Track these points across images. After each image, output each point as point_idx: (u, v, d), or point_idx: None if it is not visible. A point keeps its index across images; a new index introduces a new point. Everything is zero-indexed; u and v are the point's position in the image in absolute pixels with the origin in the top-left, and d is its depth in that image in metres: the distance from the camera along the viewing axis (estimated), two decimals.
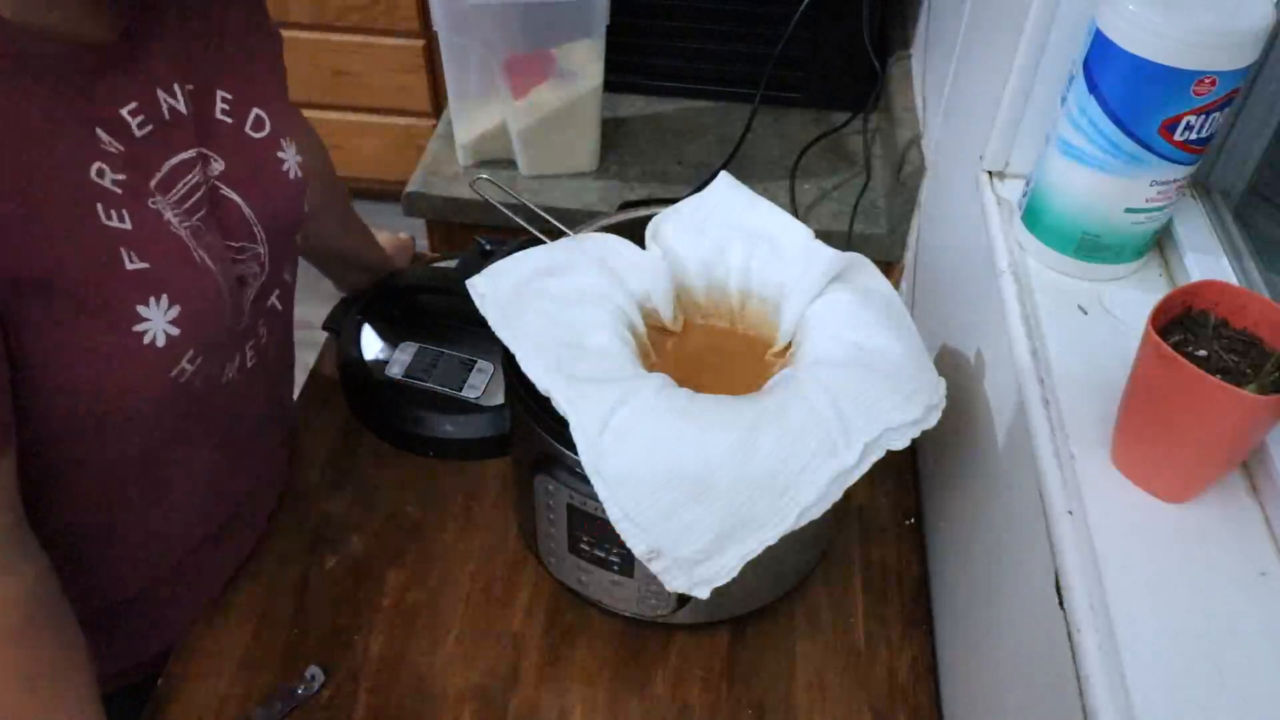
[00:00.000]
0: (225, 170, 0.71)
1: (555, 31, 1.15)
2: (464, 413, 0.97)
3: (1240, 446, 0.56)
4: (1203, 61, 0.61)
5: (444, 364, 1.01)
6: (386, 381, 0.99)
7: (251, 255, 0.74)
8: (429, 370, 1.00)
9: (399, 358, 1.01)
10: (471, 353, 1.02)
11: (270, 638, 0.86)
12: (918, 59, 1.27)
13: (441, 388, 0.99)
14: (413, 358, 1.01)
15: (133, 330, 0.62)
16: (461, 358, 1.01)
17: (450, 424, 0.97)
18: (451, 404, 0.98)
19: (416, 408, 0.98)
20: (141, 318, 0.62)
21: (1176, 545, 0.55)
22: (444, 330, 1.04)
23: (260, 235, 0.74)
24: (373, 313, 1.06)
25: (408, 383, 0.99)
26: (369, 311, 1.06)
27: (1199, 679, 0.49)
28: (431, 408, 0.98)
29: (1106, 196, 0.68)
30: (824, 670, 0.85)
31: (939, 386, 0.72)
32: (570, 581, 0.84)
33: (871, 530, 0.95)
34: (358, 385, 1.02)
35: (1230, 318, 0.57)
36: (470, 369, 1.00)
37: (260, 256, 0.75)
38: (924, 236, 1.10)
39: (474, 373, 1.00)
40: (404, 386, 0.99)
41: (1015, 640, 0.69)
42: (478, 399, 0.98)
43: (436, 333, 1.04)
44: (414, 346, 1.02)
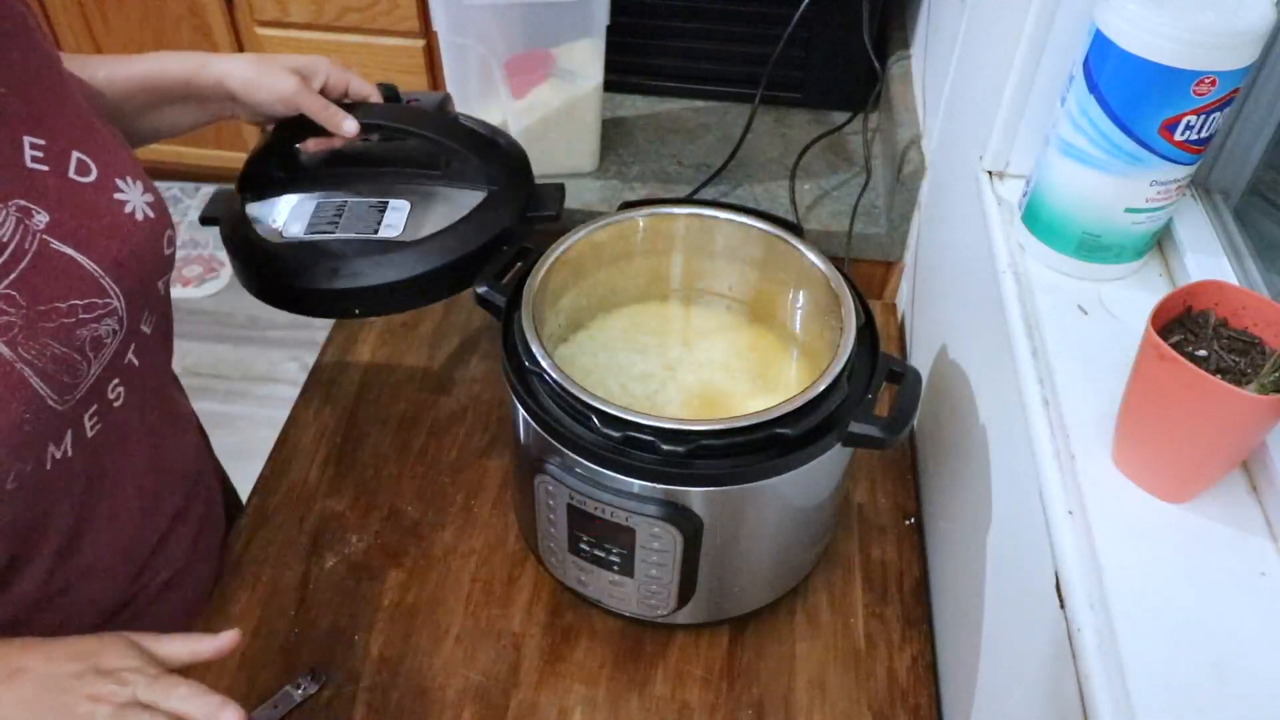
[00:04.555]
0: (52, 222, 0.64)
1: (555, 31, 1.15)
2: (385, 253, 0.84)
3: (1240, 446, 0.56)
4: (1203, 61, 0.61)
5: (350, 212, 0.86)
6: (286, 245, 0.85)
7: (106, 311, 0.66)
8: (334, 222, 0.86)
9: (295, 218, 0.86)
10: (380, 195, 0.88)
11: (270, 638, 0.86)
12: (918, 59, 1.27)
13: (354, 235, 0.85)
14: (312, 213, 0.87)
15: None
16: (369, 202, 0.87)
17: (371, 268, 0.83)
18: (370, 248, 0.84)
19: (329, 261, 0.84)
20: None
21: (1176, 545, 0.55)
22: (341, 179, 0.90)
23: (111, 288, 0.66)
24: (251, 186, 0.91)
25: (312, 239, 0.85)
26: (246, 186, 0.91)
27: (1199, 679, 0.49)
28: (346, 257, 0.84)
29: (1106, 196, 0.68)
30: (824, 670, 0.85)
31: None
32: (570, 581, 0.84)
33: (871, 530, 0.95)
34: (257, 261, 0.86)
35: (1230, 318, 0.57)
36: (383, 211, 0.86)
37: (116, 311, 0.67)
38: (924, 236, 1.10)
39: (388, 213, 0.86)
40: (309, 245, 0.85)
41: (1015, 640, 0.69)
42: (399, 237, 0.85)
43: (333, 182, 0.90)
44: (310, 202, 0.88)
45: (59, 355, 0.63)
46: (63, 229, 0.64)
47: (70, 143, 0.66)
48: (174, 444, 0.82)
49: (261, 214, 0.87)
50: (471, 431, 1.03)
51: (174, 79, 0.83)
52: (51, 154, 0.65)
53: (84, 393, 0.66)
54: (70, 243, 0.64)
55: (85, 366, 0.66)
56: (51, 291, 0.63)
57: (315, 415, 1.04)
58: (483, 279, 0.82)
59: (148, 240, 0.69)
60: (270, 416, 2.24)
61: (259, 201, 0.88)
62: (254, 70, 0.83)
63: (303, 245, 0.84)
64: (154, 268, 0.71)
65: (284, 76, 0.83)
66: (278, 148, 0.89)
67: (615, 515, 0.74)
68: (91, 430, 0.69)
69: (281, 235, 0.85)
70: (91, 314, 0.65)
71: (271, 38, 2.07)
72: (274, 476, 0.98)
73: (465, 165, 0.88)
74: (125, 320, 0.68)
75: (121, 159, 0.70)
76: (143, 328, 0.72)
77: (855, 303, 0.80)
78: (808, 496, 0.79)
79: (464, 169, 0.88)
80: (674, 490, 0.72)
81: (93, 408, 0.68)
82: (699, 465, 0.71)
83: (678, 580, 0.78)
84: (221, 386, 2.36)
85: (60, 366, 0.64)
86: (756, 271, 0.92)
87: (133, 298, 0.68)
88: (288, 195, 0.88)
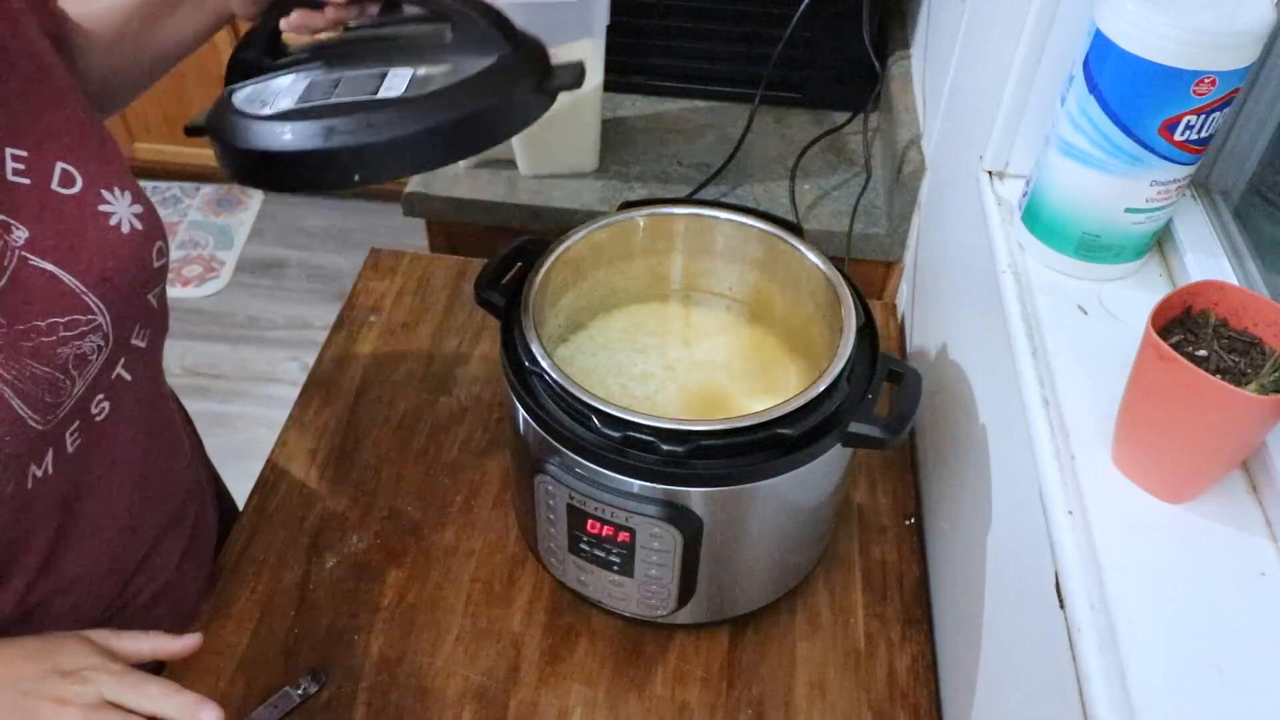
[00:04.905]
0: (31, 238, 0.62)
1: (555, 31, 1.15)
2: (385, 110, 0.75)
3: (1240, 446, 0.56)
4: (1203, 61, 0.61)
5: (346, 84, 0.78)
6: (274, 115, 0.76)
7: (90, 328, 0.65)
8: (329, 94, 0.77)
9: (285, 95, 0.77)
10: (378, 65, 0.80)
11: (270, 638, 0.85)
12: (918, 59, 1.27)
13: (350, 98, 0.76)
14: (304, 90, 0.77)
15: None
16: (367, 73, 0.79)
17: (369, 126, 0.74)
18: (368, 107, 0.75)
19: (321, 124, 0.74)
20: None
21: (1176, 545, 0.55)
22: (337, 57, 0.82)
23: (95, 304, 0.64)
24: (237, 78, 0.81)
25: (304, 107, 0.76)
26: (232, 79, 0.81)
27: (1199, 679, 0.49)
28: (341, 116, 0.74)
29: (1106, 196, 0.68)
30: (824, 670, 0.85)
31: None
32: (570, 581, 0.84)
33: (871, 530, 0.95)
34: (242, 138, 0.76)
35: (1230, 318, 0.57)
36: (382, 78, 0.77)
37: (101, 327, 0.65)
38: (924, 236, 1.10)
39: (388, 79, 0.77)
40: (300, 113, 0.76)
41: (1015, 640, 0.69)
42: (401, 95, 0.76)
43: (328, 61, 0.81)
44: (303, 80, 0.79)
45: (40, 375, 0.62)
46: (42, 245, 0.62)
47: (56, 154, 0.64)
48: (163, 454, 0.80)
49: (247, 100, 0.78)
50: (471, 431, 1.03)
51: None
52: (34, 166, 0.63)
53: (67, 411, 0.65)
54: (50, 259, 0.62)
55: (68, 385, 0.64)
56: (30, 310, 0.61)
57: (315, 415, 1.04)
58: (483, 279, 0.82)
59: (135, 253, 0.67)
60: (270, 416, 2.24)
61: (246, 93, 0.79)
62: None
63: (293, 114, 0.75)
64: (142, 281, 0.68)
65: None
66: (264, 32, 0.81)
67: (615, 515, 0.74)
68: (72, 445, 0.67)
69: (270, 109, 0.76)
70: (74, 331, 0.63)
71: None
72: (274, 476, 0.98)
73: (474, 31, 0.80)
74: (112, 335, 0.66)
75: (111, 169, 0.67)
76: (134, 341, 0.70)
77: (855, 303, 0.80)
78: (808, 496, 0.79)
79: (473, 35, 0.80)
80: (674, 490, 0.72)
81: (75, 424, 0.67)
82: (699, 465, 0.71)
83: (678, 580, 0.78)
84: (221, 386, 2.36)
85: (41, 386, 0.62)
86: (756, 271, 0.92)
87: (120, 312, 0.67)
88: (277, 79, 0.79)
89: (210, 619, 0.87)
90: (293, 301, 2.55)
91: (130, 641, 0.65)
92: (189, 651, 0.67)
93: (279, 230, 2.75)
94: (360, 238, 2.71)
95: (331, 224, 2.77)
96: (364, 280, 1.20)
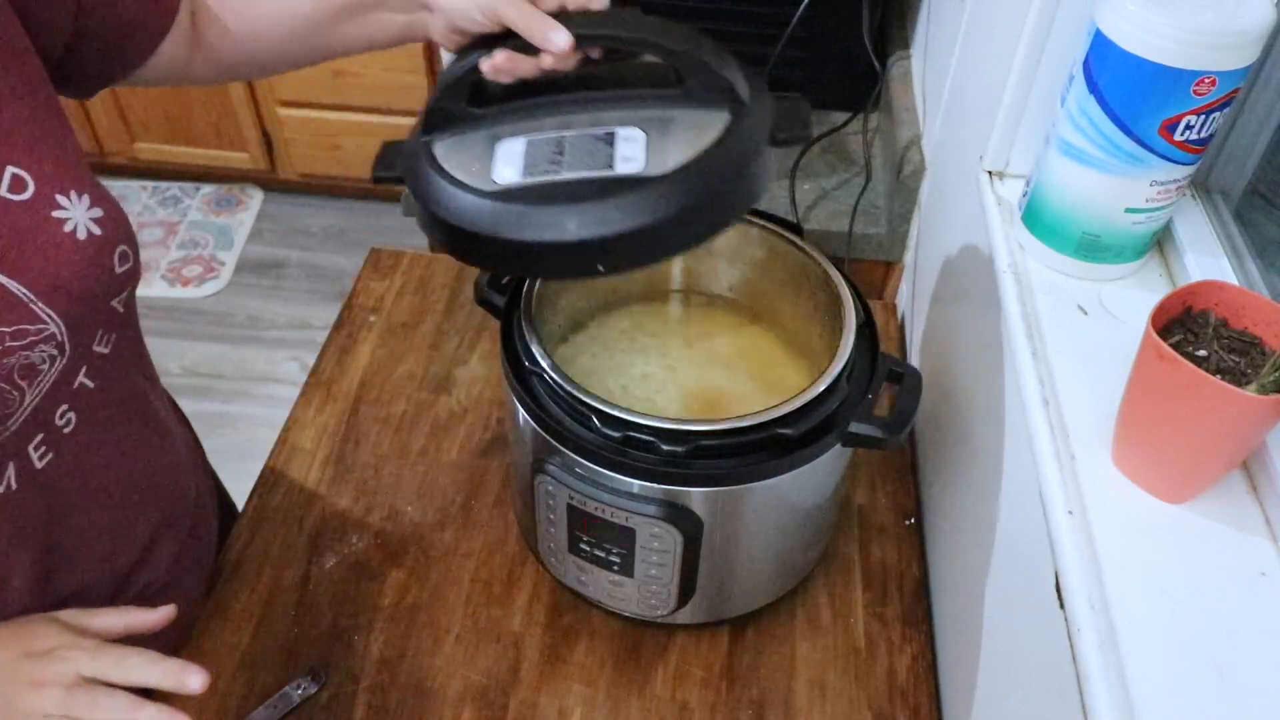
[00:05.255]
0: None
1: None
2: (629, 191, 0.65)
3: (1240, 446, 0.56)
4: (1203, 61, 0.61)
5: (573, 148, 0.69)
6: (503, 192, 0.67)
7: (40, 337, 0.61)
8: (556, 161, 0.68)
9: (503, 160, 0.69)
10: (603, 124, 0.71)
11: (270, 638, 0.86)
12: (918, 59, 1.27)
13: (585, 173, 0.67)
14: (524, 153, 0.69)
15: None
16: (592, 134, 0.70)
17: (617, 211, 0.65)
18: (609, 187, 0.66)
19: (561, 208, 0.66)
20: None
21: (1176, 545, 0.55)
22: (548, 108, 0.72)
23: (45, 313, 0.61)
24: (438, 127, 0.72)
25: (535, 183, 0.67)
26: (431, 128, 0.73)
27: (1199, 679, 0.49)
28: (582, 200, 0.66)
29: (1106, 196, 0.68)
30: (824, 670, 0.85)
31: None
32: (570, 581, 0.84)
33: (871, 530, 0.95)
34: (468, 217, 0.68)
35: (1230, 318, 0.57)
36: (611, 143, 0.69)
37: (55, 337, 0.62)
38: (924, 236, 1.10)
39: (619, 145, 0.69)
40: (530, 191, 0.67)
41: (1015, 640, 0.69)
42: (644, 171, 0.67)
43: (539, 113, 0.72)
44: (518, 141, 0.70)
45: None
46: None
47: (7, 157, 0.61)
48: (151, 457, 0.77)
49: (457, 160, 0.70)
50: (471, 431, 1.03)
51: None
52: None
53: (20, 424, 0.63)
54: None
55: (17, 396, 0.62)
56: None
57: (315, 415, 1.04)
58: (482, 279, 0.82)
59: (91, 259, 0.63)
60: (270, 416, 2.24)
61: (449, 145, 0.71)
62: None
63: (524, 193, 0.67)
64: (101, 287, 0.65)
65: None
66: (469, 76, 0.70)
67: (615, 515, 0.74)
68: (41, 461, 0.65)
69: (493, 182, 0.68)
70: (21, 341, 0.60)
71: None
72: (274, 476, 0.98)
73: (705, 80, 0.71)
74: (68, 345, 0.64)
75: (68, 172, 0.64)
76: (97, 348, 0.67)
77: (855, 303, 0.80)
78: (808, 496, 0.79)
79: (704, 85, 0.72)
80: (674, 490, 0.72)
81: (38, 438, 0.64)
82: (699, 465, 0.71)
83: (678, 580, 0.78)
84: (221, 386, 2.36)
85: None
86: (756, 271, 0.92)
87: (77, 320, 0.64)
88: (486, 133, 0.71)
89: (210, 619, 0.87)
90: (293, 301, 2.55)
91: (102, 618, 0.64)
92: (163, 623, 0.65)
93: (279, 230, 2.75)
94: (360, 238, 2.71)
95: (331, 224, 2.77)
96: (364, 280, 1.20)
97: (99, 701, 0.59)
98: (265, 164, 2.66)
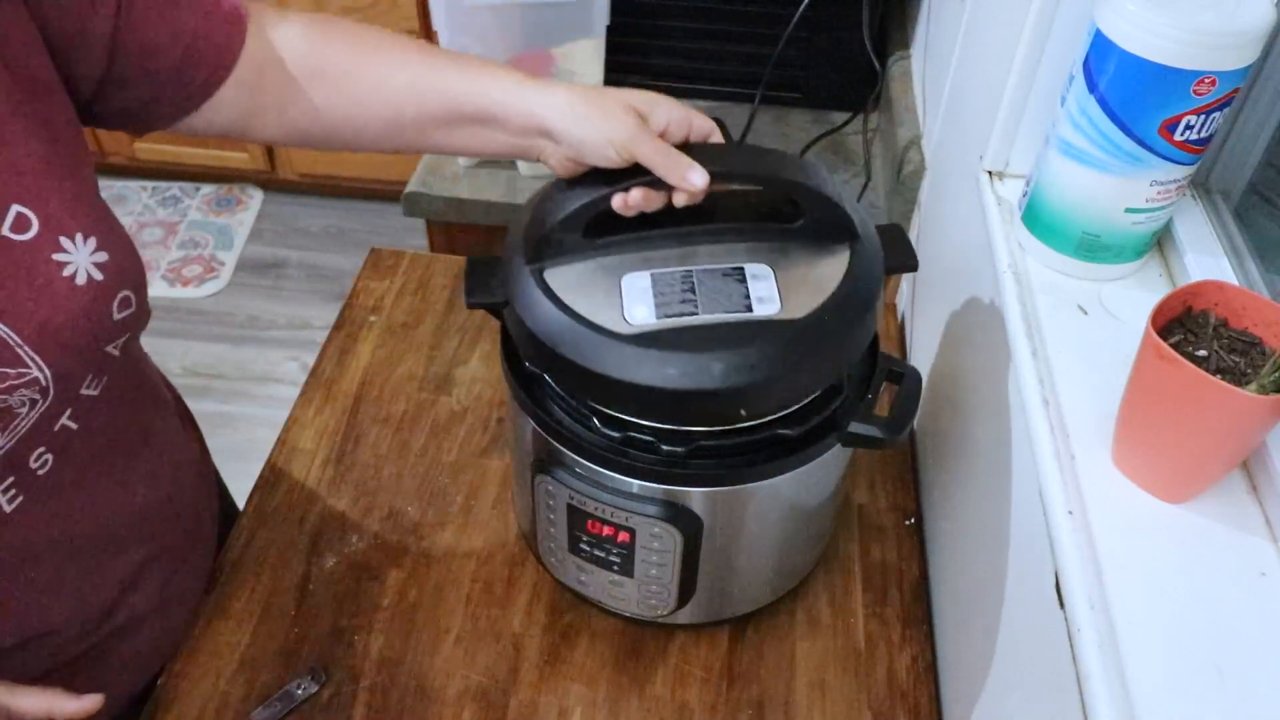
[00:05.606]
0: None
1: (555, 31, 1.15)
2: (770, 336, 0.64)
3: (1240, 446, 0.56)
4: (1203, 61, 0.61)
5: (704, 286, 0.67)
6: (638, 337, 0.64)
7: (21, 382, 0.59)
8: (690, 300, 0.66)
9: (632, 297, 0.66)
10: (728, 259, 0.69)
11: (270, 638, 0.86)
12: (918, 59, 1.27)
13: (723, 315, 0.65)
14: (653, 291, 0.66)
15: None
16: (720, 270, 0.68)
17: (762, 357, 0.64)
18: (750, 331, 0.64)
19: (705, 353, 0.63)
20: None
21: (1176, 545, 0.55)
22: (662, 241, 0.70)
23: (30, 358, 0.59)
24: (546, 255, 0.69)
25: (674, 325, 0.64)
26: (540, 255, 0.69)
27: (1199, 679, 0.49)
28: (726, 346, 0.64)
29: (1106, 196, 0.68)
30: (824, 670, 0.85)
31: None
32: (570, 581, 0.84)
33: (871, 530, 0.95)
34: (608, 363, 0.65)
35: (1230, 318, 0.57)
36: (742, 281, 0.67)
37: (39, 382, 0.60)
38: (924, 236, 1.10)
39: (751, 284, 0.67)
40: (669, 335, 0.64)
41: (1015, 640, 0.69)
42: (780, 315, 0.65)
43: (654, 247, 0.70)
44: (643, 276, 0.68)
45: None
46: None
47: (14, 195, 0.59)
48: (143, 491, 0.75)
49: (579, 295, 0.67)
50: (471, 431, 1.03)
51: (480, 104, 0.69)
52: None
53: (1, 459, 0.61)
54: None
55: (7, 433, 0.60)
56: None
57: (315, 415, 1.04)
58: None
59: (89, 305, 0.61)
60: (270, 416, 2.24)
61: (565, 277, 0.68)
62: (582, 105, 0.67)
63: (662, 335, 0.64)
64: (96, 334, 0.62)
65: (620, 115, 0.66)
66: (593, 208, 0.68)
67: (615, 515, 0.74)
68: (11, 504, 0.63)
69: (627, 322, 0.65)
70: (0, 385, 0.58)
71: None
72: (274, 476, 0.98)
73: (825, 214, 0.70)
74: (53, 389, 0.61)
75: (77, 214, 0.62)
76: (85, 391, 0.65)
77: None
78: (808, 496, 0.79)
79: (823, 219, 0.71)
80: (674, 490, 0.72)
81: (8, 480, 0.62)
82: (699, 465, 0.71)
83: (678, 580, 0.78)
84: (221, 386, 2.36)
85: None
86: None
87: (65, 367, 0.61)
88: (602, 264, 0.69)
89: (210, 619, 0.87)
90: (293, 301, 2.55)
91: (27, 697, 0.63)
92: (86, 713, 0.64)
93: (279, 230, 2.75)
94: (360, 238, 2.71)
95: (331, 224, 2.77)
96: (364, 280, 1.20)
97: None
98: (265, 164, 2.67)
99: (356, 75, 0.70)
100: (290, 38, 0.70)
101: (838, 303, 0.67)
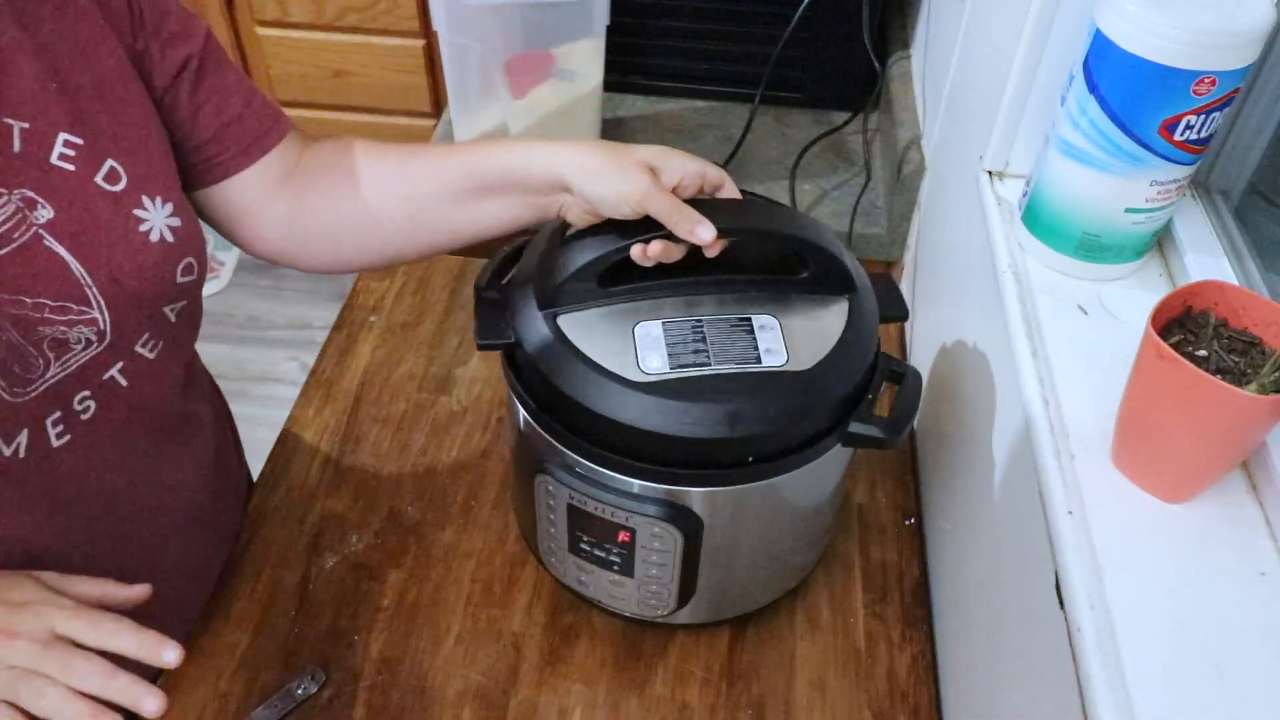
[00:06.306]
0: (54, 219, 0.62)
1: (555, 31, 1.15)
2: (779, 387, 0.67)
3: (1240, 447, 0.56)
4: (1203, 61, 0.61)
5: (714, 335, 0.69)
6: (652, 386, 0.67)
7: (81, 319, 0.64)
8: (701, 351, 0.68)
9: (646, 346, 0.69)
10: (735, 310, 0.72)
11: (270, 638, 0.86)
12: (918, 59, 1.27)
13: (734, 367, 0.68)
14: (665, 340, 0.69)
15: None
16: (729, 321, 0.71)
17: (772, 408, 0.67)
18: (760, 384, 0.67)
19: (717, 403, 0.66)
20: None
21: (1176, 545, 0.56)
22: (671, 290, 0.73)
23: (95, 299, 0.64)
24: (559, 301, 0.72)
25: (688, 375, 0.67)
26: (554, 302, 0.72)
27: (1199, 679, 0.49)
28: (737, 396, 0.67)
29: (1106, 196, 0.68)
30: (824, 670, 0.85)
31: None
32: (570, 581, 0.84)
33: (871, 530, 0.95)
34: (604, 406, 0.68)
35: (1230, 318, 0.57)
36: (751, 332, 0.70)
37: (97, 323, 0.65)
38: (924, 236, 1.10)
39: (759, 335, 0.70)
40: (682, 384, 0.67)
41: (1015, 640, 0.69)
42: (787, 366, 0.68)
43: (663, 295, 0.73)
44: (655, 325, 0.70)
45: (13, 343, 0.62)
46: (63, 230, 0.63)
47: (111, 151, 0.65)
48: (170, 473, 0.78)
49: (593, 342, 0.70)
50: (471, 431, 1.03)
51: (500, 167, 0.73)
52: (84, 156, 0.64)
53: (40, 393, 0.64)
54: (66, 244, 0.63)
55: (41, 364, 0.64)
56: (22, 283, 0.61)
57: (315, 415, 1.04)
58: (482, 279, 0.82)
59: (158, 262, 0.67)
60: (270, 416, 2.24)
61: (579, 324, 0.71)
62: (598, 160, 0.70)
63: (675, 385, 0.67)
64: (159, 291, 0.68)
65: (634, 172, 0.69)
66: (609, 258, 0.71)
67: (615, 515, 0.74)
68: (58, 440, 0.66)
69: (642, 371, 0.68)
70: (61, 316, 0.63)
71: (271, 38, 2.06)
72: (274, 476, 0.99)
73: (827, 267, 0.73)
74: (109, 336, 0.66)
75: (160, 178, 0.68)
76: (139, 349, 0.69)
77: None
78: (808, 496, 0.79)
79: (825, 272, 0.74)
80: (674, 490, 0.72)
81: (55, 414, 0.66)
82: (699, 465, 0.71)
83: (678, 580, 0.78)
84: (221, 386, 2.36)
85: (13, 354, 0.62)
86: None
87: (124, 316, 0.66)
88: (613, 312, 0.71)
89: (210, 619, 0.87)
90: (293, 301, 2.55)
91: (80, 584, 0.63)
92: (137, 600, 0.65)
93: None
94: None
95: None
96: (364, 280, 1.20)
97: (72, 664, 0.57)
98: None
99: (377, 165, 0.77)
100: (321, 148, 0.79)
101: (840, 354, 0.71)
